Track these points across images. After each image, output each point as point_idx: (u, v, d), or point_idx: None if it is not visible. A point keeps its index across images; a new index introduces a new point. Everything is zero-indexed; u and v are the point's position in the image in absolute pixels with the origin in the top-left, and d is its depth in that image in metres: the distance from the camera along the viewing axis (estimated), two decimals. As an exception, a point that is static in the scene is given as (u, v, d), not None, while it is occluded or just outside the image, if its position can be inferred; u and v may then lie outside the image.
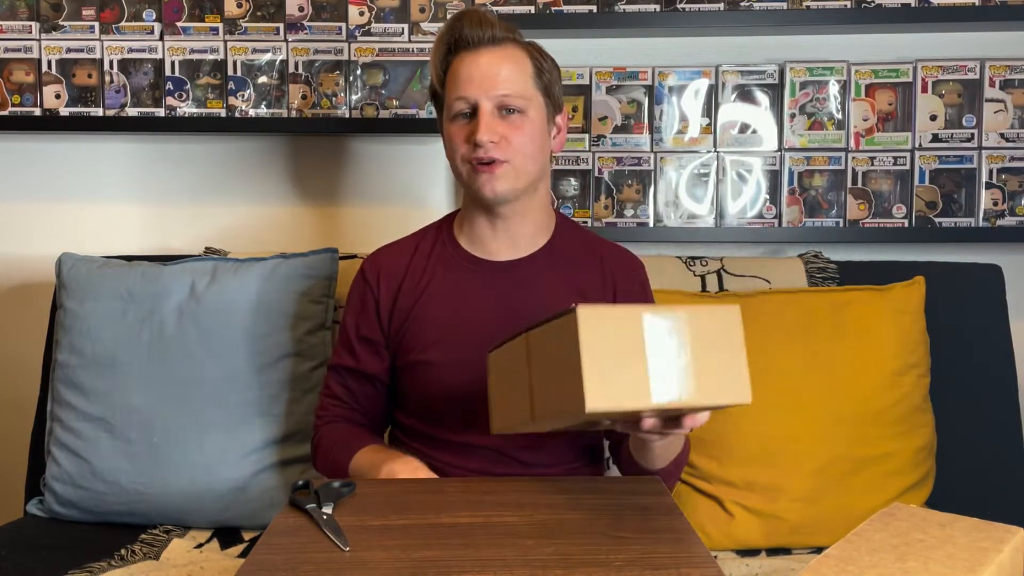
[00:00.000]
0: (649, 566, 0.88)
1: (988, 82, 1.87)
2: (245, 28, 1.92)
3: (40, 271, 2.03)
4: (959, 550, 0.81)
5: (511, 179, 1.31)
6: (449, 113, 1.33)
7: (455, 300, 1.38)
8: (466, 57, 1.32)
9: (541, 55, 1.36)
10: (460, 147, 1.32)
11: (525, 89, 1.32)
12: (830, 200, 1.91)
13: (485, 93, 1.29)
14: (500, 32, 1.33)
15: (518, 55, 1.33)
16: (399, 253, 1.44)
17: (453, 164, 1.35)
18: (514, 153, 1.30)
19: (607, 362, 0.93)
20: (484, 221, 1.38)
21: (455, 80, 1.32)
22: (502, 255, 1.39)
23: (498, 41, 1.32)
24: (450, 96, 1.33)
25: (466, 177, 1.33)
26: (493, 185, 1.30)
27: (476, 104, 1.30)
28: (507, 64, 1.31)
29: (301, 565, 0.90)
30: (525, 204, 1.36)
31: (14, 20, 1.94)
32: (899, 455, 1.57)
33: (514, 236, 1.38)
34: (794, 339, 1.60)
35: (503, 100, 1.30)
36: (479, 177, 1.31)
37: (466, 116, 1.32)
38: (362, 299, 1.43)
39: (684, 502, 1.58)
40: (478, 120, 1.29)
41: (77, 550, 1.49)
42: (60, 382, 1.66)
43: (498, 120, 1.30)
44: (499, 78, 1.30)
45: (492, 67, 1.30)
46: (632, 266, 1.44)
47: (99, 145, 2.03)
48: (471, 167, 1.31)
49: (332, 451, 1.38)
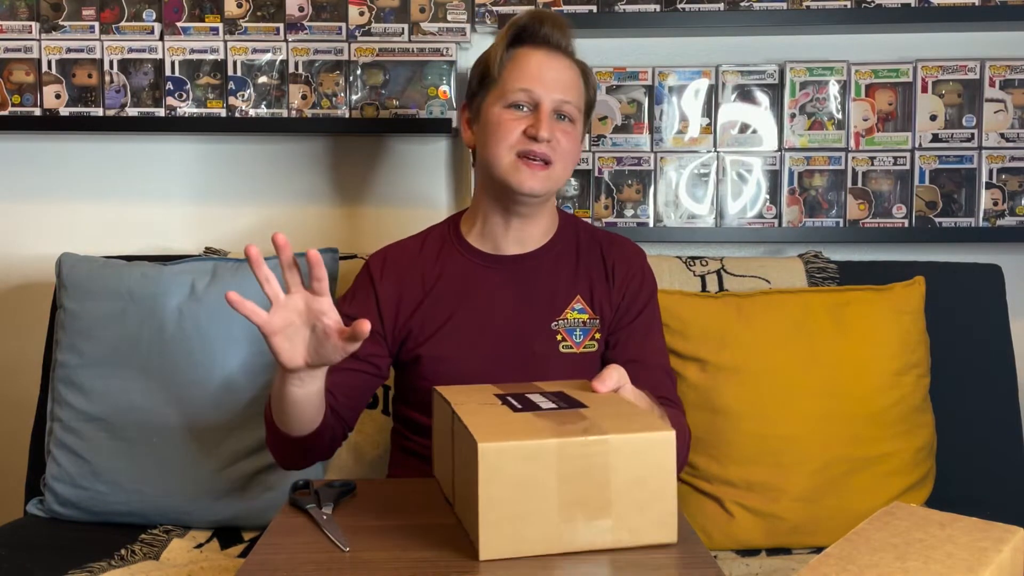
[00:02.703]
0: (649, 566, 0.88)
1: (988, 82, 1.87)
2: (245, 28, 1.92)
3: (40, 271, 2.03)
4: (959, 550, 0.81)
5: (550, 181, 1.34)
6: (504, 100, 1.34)
7: (464, 293, 1.39)
8: (538, 53, 1.35)
9: (588, 76, 1.41)
10: (510, 134, 1.33)
11: (579, 103, 1.37)
12: (830, 200, 1.91)
13: (550, 94, 1.32)
14: (570, 44, 1.38)
15: (577, 72, 1.38)
16: (404, 250, 1.45)
17: (492, 150, 1.34)
18: (560, 157, 1.34)
19: (510, 506, 0.85)
20: (498, 218, 1.40)
21: (521, 71, 1.34)
22: (510, 251, 1.41)
23: (568, 51, 1.38)
24: (511, 83, 1.34)
25: (507, 166, 1.33)
26: (533, 183, 1.32)
27: (539, 101, 1.33)
28: (572, 74, 1.36)
29: (301, 565, 0.90)
30: (541, 206, 1.40)
31: (14, 20, 1.94)
32: (899, 455, 1.57)
33: (525, 235, 1.41)
34: (794, 339, 1.60)
35: (562, 106, 1.34)
36: (523, 170, 1.32)
37: (521, 108, 1.34)
38: (363, 290, 1.42)
39: (684, 502, 1.57)
40: (539, 117, 1.32)
41: (77, 550, 1.49)
42: (60, 382, 1.66)
43: (555, 122, 1.33)
44: (565, 86, 1.34)
45: (562, 72, 1.35)
46: (631, 254, 1.45)
47: (99, 145, 2.03)
48: (515, 159, 1.32)
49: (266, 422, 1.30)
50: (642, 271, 1.45)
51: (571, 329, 1.39)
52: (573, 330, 1.39)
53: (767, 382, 1.58)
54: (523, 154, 1.32)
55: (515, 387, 1.10)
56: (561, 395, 1.04)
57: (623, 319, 1.41)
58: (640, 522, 0.89)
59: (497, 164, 1.34)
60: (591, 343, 1.39)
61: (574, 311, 1.39)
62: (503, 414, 0.96)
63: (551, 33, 1.35)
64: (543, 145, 1.31)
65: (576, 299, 1.40)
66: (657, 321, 1.45)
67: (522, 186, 1.32)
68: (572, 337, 1.39)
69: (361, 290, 1.43)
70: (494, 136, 1.34)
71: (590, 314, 1.40)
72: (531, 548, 0.87)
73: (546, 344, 1.38)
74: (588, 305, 1.40)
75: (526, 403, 1.00)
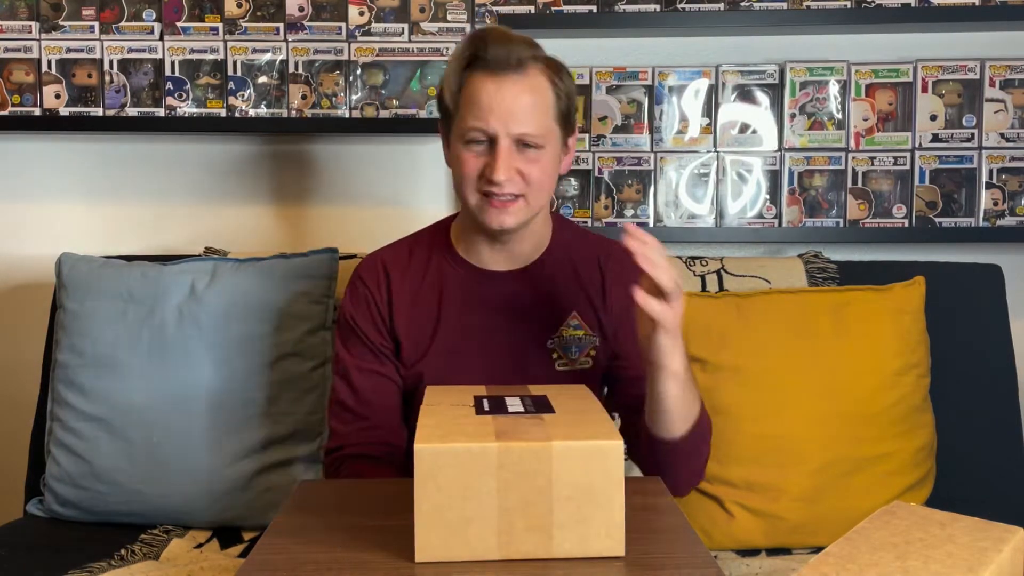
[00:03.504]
0: (649, 566, 0.88)
1: (988, 82, 1.87)
2: (245, 28, 1.92)
3: (40, 271, 2.03)
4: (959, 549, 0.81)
5: (522, 213, 1.27)
6: (462, 136, 1.26)
7: (456, 310, 1.36)
8: (487, 81, 1.23)
9: (560, 76, 1.28)
10: (471, 175, 1.26)
11: (544, 123, 1.26)
12: (830, 200, 1.91)
13: (505, 127, 1.23)
14: (524, 52, 1.24)
15: (540, 84, 1.25)
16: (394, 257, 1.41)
17: (460, 188, 1.29)
18: (529, 188, 1.26)
19: (447, 509, 0.85)
20: (483, 240, 1.35)
21: (473, 104, 1.24)
22: (501, 267, 1.37)
23: (522, 66, 1.24)
24: (465, 120, 1.25)
25: (474, 206, 1.28)
26: (502, 219, 1.26)
27: (494, 136, 1.23)
28: (529, 96, 1.24)
29: (301, 565, 0.89)
30: (526, 229, 1.33)
31: (14, 20, 1.94)
32: (899, 455, 1.57)
33: (513, 254, 1.37)
34: (794, 339, 1.60)
35: (522, 137, 1.24)
36: (489, 210, 1.26)
37: (480, 143, 1.25)
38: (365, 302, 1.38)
39: (684, 502, 1.57)
40: (496, 156, 1.23)
41: (77, 550, 1.48)
42: (60, 382, 1.66)
43: (515, 155, 1.24)
44: (520, 114, 1.23)
45: (515, 100, 1.23)
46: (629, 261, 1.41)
47: (99, 145, 2.03)
48: (481, 197, 1.27)
49: None
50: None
51: (567, 347, 1.36)
52: (569, 347, 1.36)
53: (767, 382, 1.57)
54: (487, 193, 1.25)
55: (501, 389, 1.09)
56: (539, 399, 1.03)
57: (624, 330, 1.35)
58: (584, 532, 0.87)
59: (466, 202, 1.29)
60: (586, 360, 1.36)
61: (570, 327, 1.36)
62: (462, 416, 0.95)
63: (497, 52, 1.23)
64: (504, 185, 1.23)
65: (572, 315, 1.36)
66: None
67: (491, 223, 1.27)
68: (567, 354, 1.36)
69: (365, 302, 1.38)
70: (458, 175, 1.29)
71: (586, 330, 1.36)
72: (470, 553, 0.86)
73: (540, 363, 1.35)
74: (584, 321, 1.36)
75: (496, 406, 0.99)
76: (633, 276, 1.36)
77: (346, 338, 1.39)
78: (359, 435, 1.35)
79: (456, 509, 0.86)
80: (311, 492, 1.15)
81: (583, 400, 1.03)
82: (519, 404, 1.00)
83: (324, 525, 1.00)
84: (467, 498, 0.86)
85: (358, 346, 1.38)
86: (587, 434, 0.89)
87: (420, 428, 0.90)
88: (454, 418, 0.94)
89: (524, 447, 0.86)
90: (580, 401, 1.02)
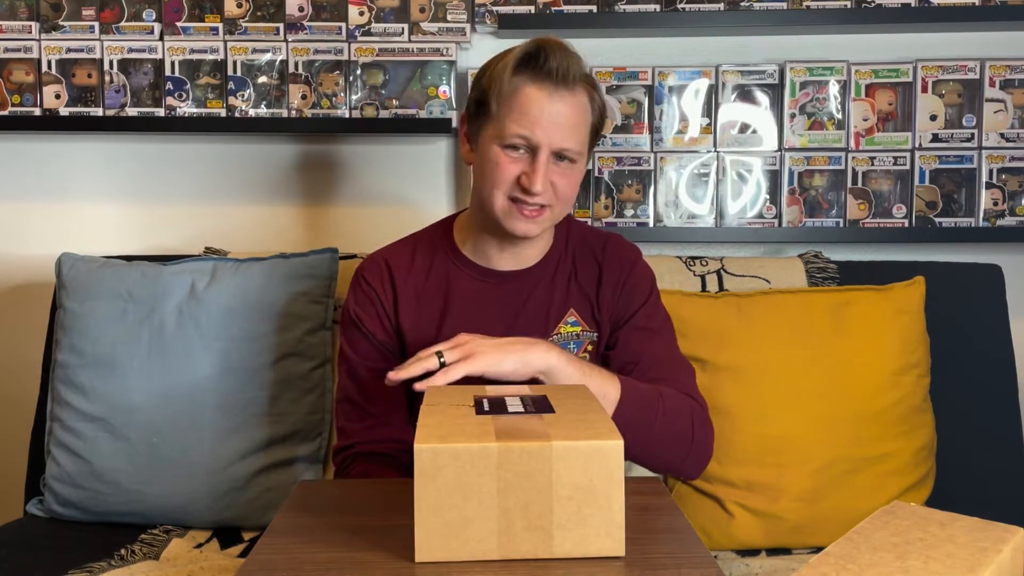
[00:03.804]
0: (649, 566, 0.88)
1: (988, 82, 1.87)
2: (245, 28, 1.92)
3: (40, 271, 2.03)
4: (959, 549, 0.81)
5: (546, 223, 1.31)
6: (501, 139, 1.27)
7: (458, 308, 1.37)
8: (540, 92, 1.25)
9: (597, 92, 1.32)
10: (506, 180, 1.27)
11: (582, 140, 1.29)
12: (830, 200, 1.91)
13: (549, 140, 1.25)
14: (577, 69, 1.26)
15: (583, 102, 1.29)
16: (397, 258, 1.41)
17: (486, 189, 1.29)
18: (558, 200, 1.29)
19: (447, 509, 0.86)
20: (493, 242, 1.37)
21: (520, 110, 1.25)
22: (505, 267, 1.39)
23: (574, 83, 1.26)
24: (510, 125, 1.26)
25: (499, 210, 1.29)
26: (528, 227, 1.29)
27: (537, 146, 1.25)
28: (575, 114, 1.27)
29: (301, 565, 0.90)
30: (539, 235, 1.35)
31: (14, 20, 1.94)
32: (899, 455, 1.57)
33: (521, 256, 1.39)
34: (794, 339, 1.60)
35: (563, 151, 1.27)
36: (517, 216, 1.28)
37: (519, 150, 1.27)
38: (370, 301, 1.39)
39: (684, 502, 1.58)
40: (535, 167, 1.25)
41: (77, 550, 1.48)
42: (60, 382, 1.66)
43: (552, 167, 1.27)
44: (566, 130, 1.26)
45: (563, 116, 1.25)
46: (624, 255, 1.42)
47: (99, 145, 2.03)
48: (509, 203, 1.28)
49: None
50: (635, 271, 1.41)
51: (565, 343, 1.37)
52: (567, 344, 1.37)
53: (767, 382, 1.58)
54: (517, 199, 1.28)
55: (501, 389, 1.09)
56: (539, 399, 1.03)
57: (620, 321, 1.39)
58: (584, 532, 0.87)
59: (491, 204, 1.30)
60: (583, 355, 1.38)
61: (567, 324, 1.38)
62: (462, 416, 0.95)
63: (555, 64, 1.24)
64: (538, 196, 1.26)
65: (570, 312, 1.38)
66: (660, 318, 1.41)
67: (515, 230, 1.29)
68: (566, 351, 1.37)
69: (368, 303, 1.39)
70: (489, 177, 1.29)
71: (583, 326, 1.38)
72: (470, 553, 0.87)
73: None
74: (582, 318, 1.38)
75: (496, 406, 0.99)
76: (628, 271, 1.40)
77: (351, 337, 1.40)
78: (368, 432, 1.35)
79: (456, 509, 0.86)
80: (311, 492, 1.15)
81: (583, 400, 1.03)
82: (519, 404, 1.00)
83: (324, 525, 1.00)
84: (467, 498, 0.86)
85: (364, 344, 1.38)
86: (587, 434, 0.89)
87: (420, 428, 0.90)
88: (454, 418, 0.94)
89: (524, 447, 0.86)
90: (580, 401, 1.02)
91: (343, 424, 1.39)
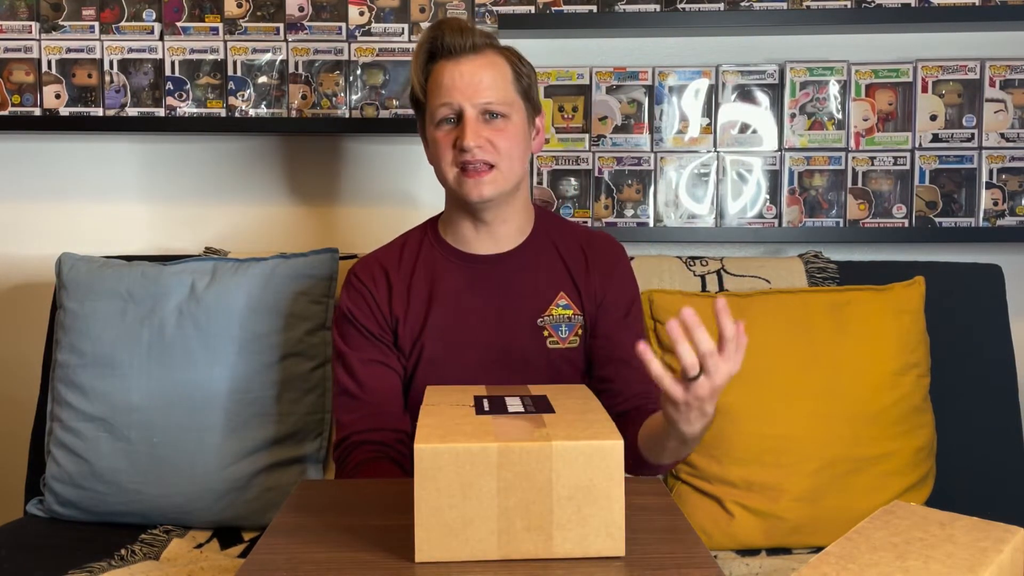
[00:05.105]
0: (649, 566, 0.88)
1: (988, 82, 1.87)
2: (245, 28, 1.92)
3: (40, 271, 2.03)
4: (959, 549, 0.81)
5: (498, 183, 1.34)
6: (433, 120, 1.36)
7: (447, 294, 1.40)
8: (447, 64, 1.34)
9: (519, 60, 1.39)
10: (446, 152, 1.34)
11: (507, 95, 1.35)
12: (830, 200, 1.91)
13: (469, 100, 1.32)
14: (479, 39, 1.35)
15: (497, 61, 1.36)
16: (387, 256, 1.45)
17: (439, 169, 1.37)
18: (500, 157, 1.33)
19: (447, 509, 0.86)
20: (468, 223, 1.41)
21: (438, 87, 1.34)
22: (486, 251, 1.42)
23: (478, 48, 1.35)
24: (433, 103, 1.35)
25: (453, 181, 1.35)
26: (480, 190, 1.33)
27: (461, 110, 1.32)
28: (488, 71, 1.34)
29: (301, 565, 0.89)
30: (507, 207, 1.39)
31: (14, 20, 1.94)
32: (899, 455, 1.57)
33: (497, 235, 1.42)
34: (794, 339, 1.60)
35: (487, 106, 1.33)
36: (467, 182, 1.33)
37: (450, 122, 1.34)
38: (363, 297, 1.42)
39: (684, 502, 1.58)
40: (464, 125, 1.32)
41: (77, 550, 1.48)
42: (60, 382, 1.66)
43: (483, 125, 1.33)
44: (482, 85, 1.33)
45: (474, 74, 1.33)
46: (613, 251, 1.46)
47: (99, 145, 2.03)
48: (458, 172, 1.34)
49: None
50: (626, 268, 1.46)
51: (557, 325, 1.40)
52: (559, 326, 1.40)
53: (767, 382, 1.57)
54: (461, 165, 1.33)
55: (501, 389, 1.09)
56: (539, 399, 1.03)
57: (611, 315, 1.41)
58: (584, 532, 0.87)
59: (446, 180, 1.37)
60: (575, 339, 1.41)
61: (559, 307, 1.41)
62: (462, 416, 0.95)
63: (453, 40, 1.34)
64: (475, 152, 1.31)
65: (560, 295, 1.41)
66: (643, 321, 1.49)
67: (470, 195, 1.33)
68: (558, 333, 1.41)
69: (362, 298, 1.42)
70: (434, 157, 1.38)
71: (574, 310, 1.41)
72: (470, 553, 0.87)
73: (533, 340, 1.39)
74: (572, 301, 1.41)
75: (497, 406, 1.00)
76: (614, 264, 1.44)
77: (345, 333, 1.43)
78: (364, 421, 1.37)
79: (456, 509, 0.86)
80: (311, 492, 1.15)
81: (583, 400, 1.03)
82: (519, 404, 1.01)
83: (324, 525, 1.00)
84: (467, 498, 0.86)
85: (358, 339, 1.41)
86: (587, 434, 0.89)
87: (420, 428, 0.90)
88: (454, 418, 0.95)
89: (524, 447, 0.86)
90: (580, 401, 1.02)
91: (340, 416, 1.41)
